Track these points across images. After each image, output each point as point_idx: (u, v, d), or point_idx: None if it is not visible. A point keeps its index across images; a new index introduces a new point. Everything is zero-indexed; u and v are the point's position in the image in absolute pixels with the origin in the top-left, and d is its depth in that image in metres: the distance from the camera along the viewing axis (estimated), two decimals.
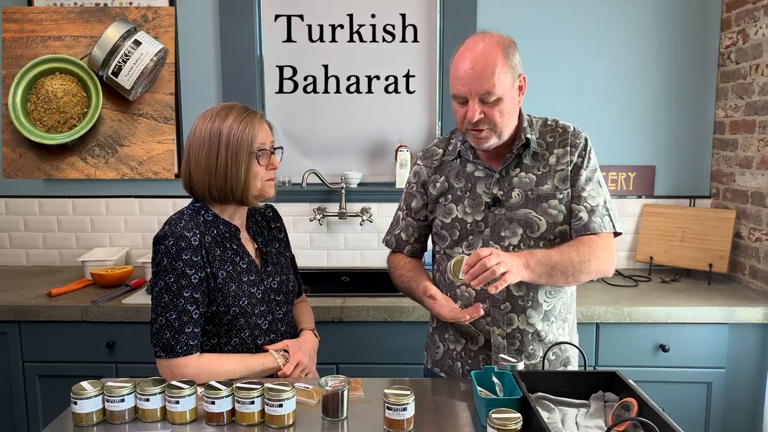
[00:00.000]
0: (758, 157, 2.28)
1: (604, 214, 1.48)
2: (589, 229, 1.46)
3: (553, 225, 1.47)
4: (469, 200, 1.52)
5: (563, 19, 2.55)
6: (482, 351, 1.53)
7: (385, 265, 2.77)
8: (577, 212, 1.47)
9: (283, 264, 1.63)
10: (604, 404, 1.26)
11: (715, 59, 2.54)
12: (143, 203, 2.68)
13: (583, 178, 1.48)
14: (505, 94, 1.40)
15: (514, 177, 1.50)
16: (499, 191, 1.50)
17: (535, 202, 1.47)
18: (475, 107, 1.39)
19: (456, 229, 1.54)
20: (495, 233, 1.49)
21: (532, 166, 1.50)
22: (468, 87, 1.38)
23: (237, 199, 1.47)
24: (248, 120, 1.46)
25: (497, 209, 1.49)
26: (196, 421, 1.25)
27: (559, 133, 1.51)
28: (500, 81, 1.38)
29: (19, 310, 2.11)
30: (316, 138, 2.70)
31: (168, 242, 1.41)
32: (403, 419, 1.19)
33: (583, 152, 1.49)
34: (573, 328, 1.61)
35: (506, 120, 1.43)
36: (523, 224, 1.47)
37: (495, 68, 1.37)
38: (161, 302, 1.40)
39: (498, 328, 1.50)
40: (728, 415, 2.12)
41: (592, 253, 1.43)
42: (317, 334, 1.68)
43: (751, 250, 2.32)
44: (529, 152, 1.50)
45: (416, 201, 1.62)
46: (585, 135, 1.52)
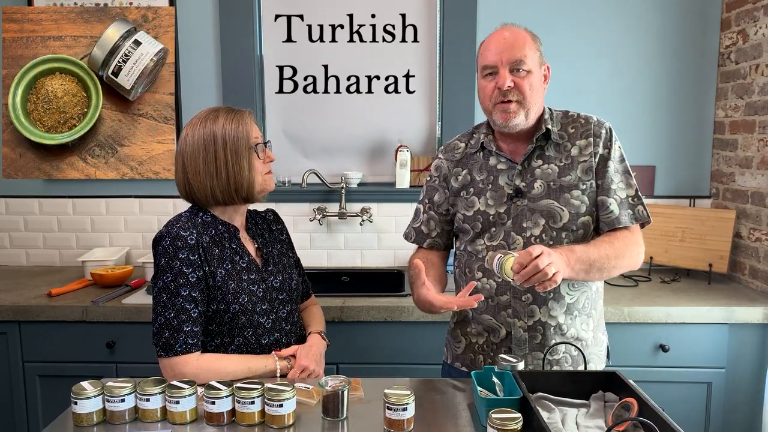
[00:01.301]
0: (758, 157, 2.28)
1: (636, 204, 1.48)
2: (621, 223, 1.46)
3: (576, 216, 1.46)
4: (491, 192, 1.52)
5: (563, 19, 2.55)
6: (504, 344, 1.51)
7: (385, 265, 2.79)
8: (607, 205, 1.46)
9: (286, 264, 1.63)
10: (604, 404, 1.26)
11: (715, 59, 2.55)
12: (143, 203, 2.68)
13: (612, 169, 1.48)
14: (533, 70, 1.45)
15: (536, 168, 1.50)
16: (521, 182, 1.49)
17: (558, 193, 1.47)
18: (506, 74, 1.42)
19: (478, 222, 1.53)
20: (517, 224, 1.48)
21: (554, 157, 1.50)
22: (500, 55, 1.43)
23: (243, 197, 1.48)
24: (238, 118, 1.48)
25: (519, 200, 1.49)
26: (196, 421, 1.25)
27: (581, 124, 1.51)
28: (531, 54, 1.44)
29: (19, 310, 2.11)
30: (316, 138, 2.70)
31: (165, 242, 1.42)
32: (403, 419, 1.19)
33: (608, 143, 1.49)
34: (599, 325, 1.58)
35: (534, 97, 1.46)
36: (545, 215, 1.47)
37: (526, 41, 1.44)
38: (160, 301, 1.41)
39: (519, 320, 1.48)
40: (728, 415, 2.12)
41: (626, 248, 1.43)
42: (325, 338, 1.67)
43: (751, 250, 2.32)
44: (551, 143, 1.50)
45: (438, 195, 1.61)
46: (608, 125, 1.51)
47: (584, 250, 1.38)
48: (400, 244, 2.67)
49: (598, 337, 1.57)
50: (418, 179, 2.66)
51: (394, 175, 2.65)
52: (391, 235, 2.67)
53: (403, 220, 2.66)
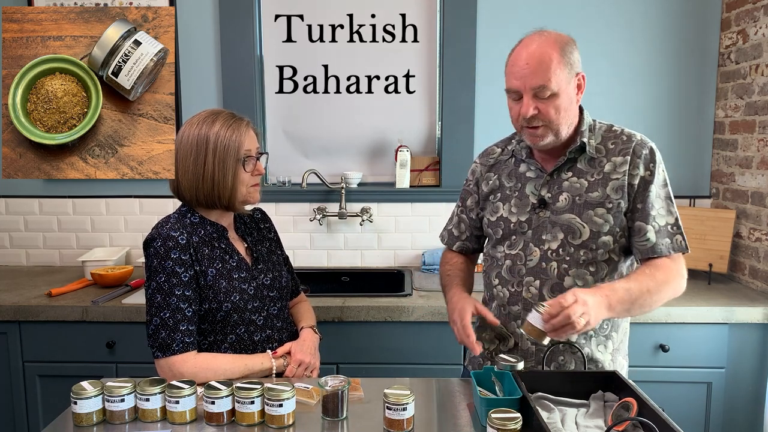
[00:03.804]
0: (758, 157, 2.28)
1: (675, 233, 1.40)
2: (657, 252, 1.38)
3: (597, 234, 1.40)
4: (516, 200, 1.49)
5: (563, 19, 2.55)
6: (512, 354, 1.45)
7: (385, 265, 2.79)
8: (644, 232, 1.39)
9: (275, 261, 1.64)
10: (603, 404, 1.26)
11: (715, 59, 2.54)
12: (143, 203, 2.68)
13: (653, 194, 1.40)
14: (561, 90, 1.36)
15: (564, 180, 1.44)
16: (546, 193, 1.45)
17: (581, 209, 1.41)
18: (529, 102, 1.36)
19: (500, 228, 1.51)
20: (536, 236, 1.45)
21: (586, 171, 1.44)
22: (522, 81, 1.35)
23: (224, 205, 1.50)
24: (235, 126, 1.48)
25: (542, 211, 1.44)
26: (196, 421, 1.25)
27: (622, 141, 1.44)
28: (556, 76, 1.34)
29: (19, 310, 2.11)
30: (316, 138, 2.70)
31: (156, 244, 1.43)
32: (403, 419, 1.19)
33: (651, 165, 1.41)
34: (619, 349, 1.50)
35: (562, 118, 1.38)
36: (565, 229, 1.42)
37: (551, 63, 1.34)
38: (155, 302, 1.42)
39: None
40: (728, 415, 2.11)
41: (668, 283, 1.36)
42: (317, 331, 1.68)
43: (751, 250, 2.32)
44: (585, 157, 1.44)
45: (471, 198, 1.62)
46: (652, 145, 1.44)
47: (627, 290, 1.30)
48: (400, 244, 2.68)
49: (618, 361, 1.49)
50: (418, 179, 2.66)
51: (394, 175, 2.65)
52: (391, 235, 2.67)
53: (403, 220, 2.66)
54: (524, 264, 1.46)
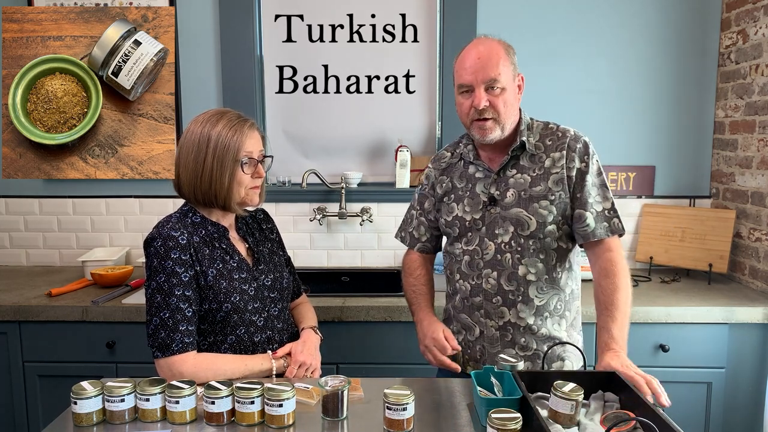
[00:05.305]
0: (758, 157, 2.28)
1: (611, 216, 1.54)
2: (596, 236, 1.52)
3: (543, 225, 1.52)
4: (469, 199, 1.61)
5: (563, 19, 2.55)
6: (478, 342, 1.60)
7: (385, 265, 2.79)
8: (584, 218, 1.52)
9: (277, 262, 1.64)
10: (603, 404, 1.26)
11: (715, 59, 2.54)
12: (143, 203, 2.69)
13: (589, 183, 1.53)
14: (508, 86, 1.50)
15: (510, 178, 1.57)
16: (495, 191, 1.57)
17: (527, 202, 1.53)
18: (482, 95, 1.49)
19: (456, 227, 1.62)
20: (490, 231, 1.56)
21: (528, 167, 1.56)
22: (474, 75, 1.49)
23: (220, 205, 1.50)
24: (238, 127, 1.48)
25: (493, 208, 1.56)
26: (196, 421, 1.25)
27: (558, 137, 1.56)
28: (504, 72, 1.49)
29: (19, 310, 2.11)
30: (316, 138, 2.70)
31: (156, 243, 1.43)
32: (403, 419, 1.19)
33: (585, 157, 1.54)
34: (573, 325, 1.64)
35: (509, 111, 1.52)
36: (514, 222, 1.54)
37: (500, 60, 1.49)
38: (154, 302, 1.42)
39: (490, 320, 1.57)
40: (728, 415, 2.11)
41: (624, 276, 1.49)
42: (318, 332, 1.68)
43: (751, 250, 2.32)
44: (527, 154, 1.57)
45: (428, 201, 1.73)
46: (585, 139, 1.57)
47: (621, 326, 1.43)
48: (400, 244, 2.67)
49: (573, 336, 1.62)
50: (418, 179, 2.66)
51: (394, 175, 2.65)
52: (391, 235, 2.65)
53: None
54: (481, 258, 1.57)
